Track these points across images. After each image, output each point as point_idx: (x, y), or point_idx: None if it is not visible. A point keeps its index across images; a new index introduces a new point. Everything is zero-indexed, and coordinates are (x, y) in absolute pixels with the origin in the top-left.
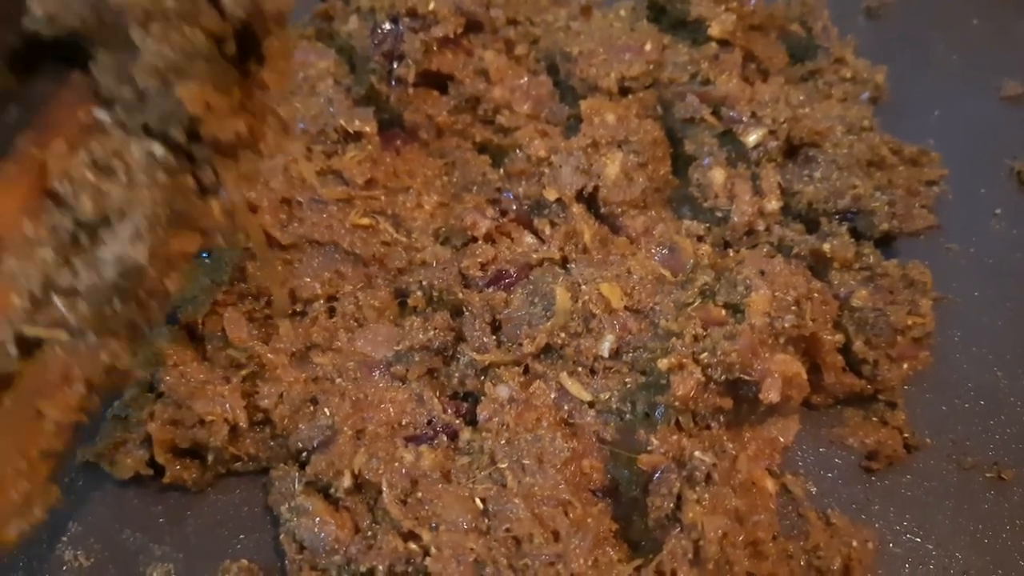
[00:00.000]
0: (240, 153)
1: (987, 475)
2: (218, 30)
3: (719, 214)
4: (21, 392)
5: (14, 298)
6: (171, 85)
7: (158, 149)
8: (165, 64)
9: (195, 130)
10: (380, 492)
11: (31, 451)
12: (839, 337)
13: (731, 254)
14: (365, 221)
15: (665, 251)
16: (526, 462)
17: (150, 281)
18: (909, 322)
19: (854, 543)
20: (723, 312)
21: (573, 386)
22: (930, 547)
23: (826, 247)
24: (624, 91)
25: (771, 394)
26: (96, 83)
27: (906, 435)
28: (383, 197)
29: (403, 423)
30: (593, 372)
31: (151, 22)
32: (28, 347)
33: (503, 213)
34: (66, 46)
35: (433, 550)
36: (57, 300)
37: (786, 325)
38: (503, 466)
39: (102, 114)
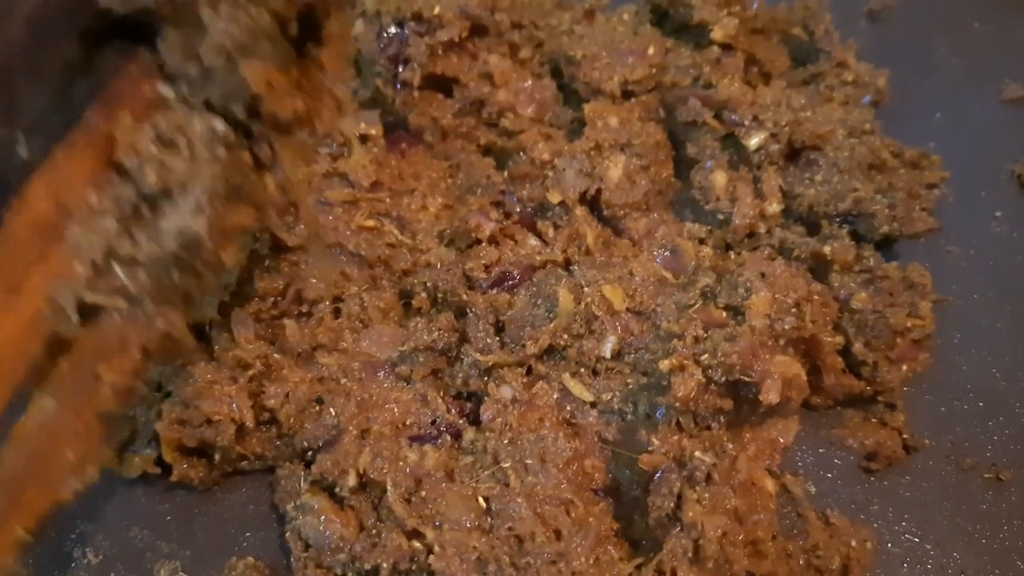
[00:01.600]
0: (296, 130)
1: (985, 476)
2: (283, 11)
3: (721, 216)
4: (79, 356)
5: (77, 266)
6: (236, 63)
7: (219, 125)
8: (231, 42)
9: (255, 107)
10: (384, 491)
11: (87, 413)
12: (839, 339)
13: (732, 256)
14: (370, 223)
15: (667, 253)
16: (529, 462)
17: (207, 253)
18: (909, 324)
19: (853, 543)
20: (724, 314)
21: (575, 387)
22: (928, 547)
23: (827, 249)
24: (627, 94)
25: (771, 395)
26: (162, 60)
27: (905, 436)
28: (388, 199)
29: (407, 423)
30: (595, 373)
31: (220, 2)
32: (88, 313)
33: (507, 215)
34: (135, 23)
35: (437, 548)
36: (118, 269)
37: (786, 327)
38: (506, 465)
39: (166, 90)
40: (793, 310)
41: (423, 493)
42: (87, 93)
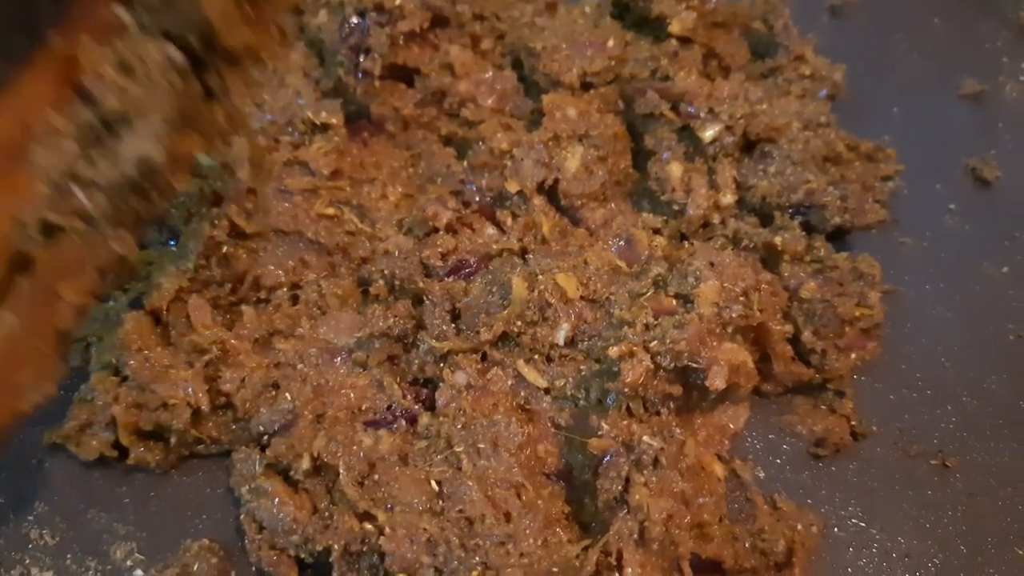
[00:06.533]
0: (244, 62)
1: (931, 463)
2: None
3: (676, 207)
4: (40, 275)
5: (39, 186)
6: None
7: (175, 53)
8: None
9: (207, 37)
10: (338, 474)
11: (47, 330)
12: (788, 327)
13: (686, 246)
14: (330, 211)
15: (621, 243)
16: (481, 446)
17: (161, 179)
18: (857, 313)
19: (799, 527)
20: (674, 302)
21: (529, 373)
22: (874, 531)
23: (777, 240)
24: (586, 86)
25: (717, 381)
26: None
27: (853, 423)
28: (348, 188)
29: (363, 408)
30: (549, 360)
31: None
32: (48, 233)
33: (466, 204)
34: None
35: (387, 530)
36: (78, 191)
37: (733, 315)
38: (459, 450)
39: (124, 14)
40: (741, 298)
41: (376, 476)
42: (48, 15)
